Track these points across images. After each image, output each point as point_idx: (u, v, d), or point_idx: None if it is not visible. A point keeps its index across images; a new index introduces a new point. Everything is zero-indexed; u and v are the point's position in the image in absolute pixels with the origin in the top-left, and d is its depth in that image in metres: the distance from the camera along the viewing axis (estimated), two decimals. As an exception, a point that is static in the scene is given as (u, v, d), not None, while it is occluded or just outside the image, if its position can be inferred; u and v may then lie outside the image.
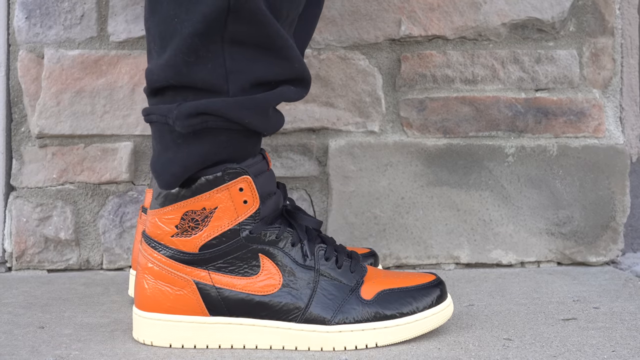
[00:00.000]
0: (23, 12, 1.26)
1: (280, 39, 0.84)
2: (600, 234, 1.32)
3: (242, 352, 0.87)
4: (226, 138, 0.85)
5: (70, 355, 0.86)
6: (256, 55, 0.84)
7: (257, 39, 0.83)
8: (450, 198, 1.30)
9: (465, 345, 0.89)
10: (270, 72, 0.85)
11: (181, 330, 0.88)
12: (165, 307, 0.88)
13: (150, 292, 0.88)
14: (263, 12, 0.82)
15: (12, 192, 1.28)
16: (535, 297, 1.11)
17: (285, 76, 0.86)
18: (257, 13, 0.82)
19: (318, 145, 1.30)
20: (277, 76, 0.86)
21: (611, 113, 1.34)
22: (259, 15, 0.82)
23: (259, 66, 0.84)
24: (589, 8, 1.33)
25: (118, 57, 1.27)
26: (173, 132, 0.85)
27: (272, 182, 0.91)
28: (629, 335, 0.92)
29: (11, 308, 1.05)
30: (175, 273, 0.88)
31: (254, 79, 0.85)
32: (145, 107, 0.88)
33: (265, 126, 0.88)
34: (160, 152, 0.87)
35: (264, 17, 0.82)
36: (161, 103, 0.85)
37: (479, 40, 1.31)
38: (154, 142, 0.88)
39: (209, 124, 0.83)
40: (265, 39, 0.84)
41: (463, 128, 1.30)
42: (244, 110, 0.84)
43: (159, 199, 0.88)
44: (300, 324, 0.87)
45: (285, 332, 0.87)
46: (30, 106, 1.27)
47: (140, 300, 0.89)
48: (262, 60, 0.84)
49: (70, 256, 1.28)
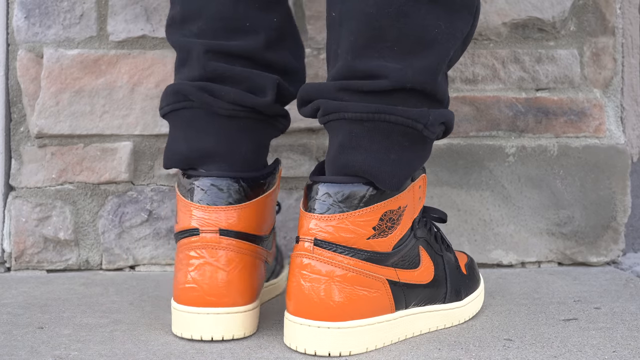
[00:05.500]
0: (22, 11, 1.26)
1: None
2: (601, 234, 1.32)
3: (242, 353, 0.87)
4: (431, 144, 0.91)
5: (69, 355, 0.86)
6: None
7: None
8: (451, 198, 1.30)
9: (466, 346, 0.89)
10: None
11: (375, 332, 0.87)
12: (362, 311, 0.86)
13: (345, 300, 0.85)
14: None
15: (11, 192, 1.27)
16: (536, 297, 1.11)
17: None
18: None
19: (318, 145, 1.29)
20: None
21: (612, 113, 1.33)
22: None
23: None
24: (589, 7, 1.33)
25: (117, 56, 1.27)
26: (408, 135, 0.86)
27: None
28: (630, 336, 0.92)
29: (10, 308, 1.05)
30: (373, 275, 0.86)
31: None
32: (376, 106, 0.85)
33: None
34: (377, 152, 0.85)
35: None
36: (387, 102, 0.85)
37: (479, 40, 1.31)
38: (367, 140, 0.85)
39: (439, 134, 0.89)
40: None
41: (463, 128, 1.30)
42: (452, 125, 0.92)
43: (348, 201, 0.85)
44: (447, 304, 0.96)
45: (441, 313, 0.96)
46: (30, 106, 1.27)
47: (327, 311, 0.85)
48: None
49: (70, 256, 1.28)
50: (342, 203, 0.85)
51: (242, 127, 0.95)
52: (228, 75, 0.94)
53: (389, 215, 0.87)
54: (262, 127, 0.97)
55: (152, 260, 1.29)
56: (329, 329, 0.84)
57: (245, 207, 0.92)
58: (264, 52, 0.96)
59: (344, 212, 0.85)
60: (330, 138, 0.89)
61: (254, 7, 0.96)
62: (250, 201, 0.93)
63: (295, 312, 0.86)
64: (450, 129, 0.91)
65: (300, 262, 0.86)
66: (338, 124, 0.86)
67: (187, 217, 0.91)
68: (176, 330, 0.92)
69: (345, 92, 0.86)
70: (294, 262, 0.87)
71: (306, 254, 0.85)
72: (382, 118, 0.84)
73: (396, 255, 0.89)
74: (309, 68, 1.28)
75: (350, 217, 0.85)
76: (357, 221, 0.85)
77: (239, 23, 0.96)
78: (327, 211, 0.85)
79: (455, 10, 0.85)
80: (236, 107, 0.94)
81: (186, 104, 0.94)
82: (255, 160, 0.96)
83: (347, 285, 0.85)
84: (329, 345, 0.85)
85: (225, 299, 0.90)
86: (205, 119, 0.94)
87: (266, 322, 0.98)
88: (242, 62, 0.95)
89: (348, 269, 0.85)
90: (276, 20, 0.98)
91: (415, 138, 0.87)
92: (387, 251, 0.87)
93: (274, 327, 0.96)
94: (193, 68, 0.95)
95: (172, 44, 0.99)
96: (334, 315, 0.85)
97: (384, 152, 0.85)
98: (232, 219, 0.91)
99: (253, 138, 0.96)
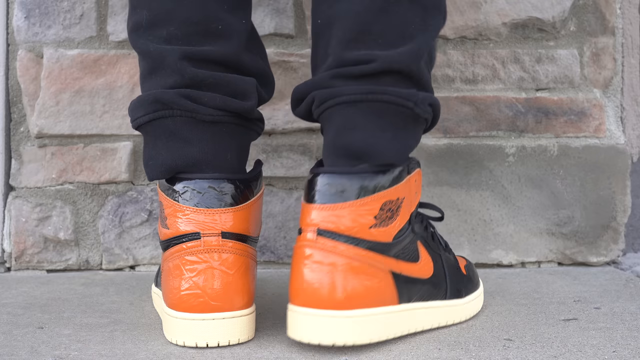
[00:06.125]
0: (22, 11, 1.26)
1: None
2: (601, 234, 1.32)
3: (242, 352, 0.87)
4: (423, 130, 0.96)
5: (69, 355, 0.86)
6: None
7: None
8: (451, 198, 1.30)
9: (466, 346, 0.89)
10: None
11: (379, 322, 0.87)
12: (366, 301, 0.86)
13: (350, 289, 0.85)
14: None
15: (12, 192, 1.28)
16: (536, 297, 1.11)
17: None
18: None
19: (318, 145, 1.29)
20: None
21: (612, 113, 1.33)
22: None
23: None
24: (589, 7, 1.33)
25: (117, 56, 1.27)
26: (401, 114, 0.90)
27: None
28: (630, 336, 0.92)
29: (10, 308, 1.05)
30: (377, 265, 0.87)
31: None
32: (369, 87, 0.89)
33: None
34: (373, 130, 0.89)
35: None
36: (378, 85, 0.89)
37: (479, 40, 1.31)
38: (362, 120, 0.89)
39: (428, 115, 0.92)
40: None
41: (463, 128, 1.30)
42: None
43: (350, 192, 0.86)
44: (448, 301, 0.97)
45: (442, 309, 0.96)
46: (30, 106, 1.27)
47: (332, 301, 0.84)
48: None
49: (70, 256, 1.28)
50: (343, 192, 0.86)
51: (225, 133, 0.94)
52: (210, 81, 0.92)
53: (388, 206, 0.88)
54: (244, 132, 0.96)
55: (152, 260, 1.29)
56: (334, 318, 0.84)
57: (242, 209, 0.91)
58: (238, 56, 0.95)
59: (346, 202, 0.86)
60: (326, 128, 0.91)
61: (223, 8, 0.94)
62: (246, 203, 0.92)
63: (299, 302, 0.85)
64: (438, 115, 0.95)
65: (303, 252, 0.85)
66: (334, 110, 0.89)
67: (183, 222, 0.89)
68: (177, 338, 0.89)
69: (337, 79, 0.89)
70: (297, 253, 0.86)
71: (309, 244, 0.85)
72: (375, 98, 0.88)
73: (397, 246, 0.90)
74: (309, 68, 1.28)
75: (352, 206, 0.85)
76: (359, 210, 0.86)
77: (211, 26, 0.94)
78: (328, 201, 0.85)
79: (431, 8, 0.92)
80: (220, 113, 0.92)
81: (166, 112, 0.92)
82: (238, 164, 0.96)
83: (351, 274, 0.85)
84: (334, 335, 0.84)
85: (232, 303, 0.89)
86: (188, 126, 0.92)
87: (266, 322, 0.98)
88: (219, 67, 0.94)
89: (352, 258, 0.85)
90: (244, 22, 0.97)
91: (408, 118, 0.90)
92: (388, 241, 0.88)
93: (274, 327, 0.96)
94: (167, 75, 0.92)
95: (139, 50, 0.95)
96: (339, 304, 0.84)
97: (379, 131, 0.89)
98: (231, 221, 0.90)
99: (236, 143, 0.95)
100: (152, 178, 0.94)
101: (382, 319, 0.87)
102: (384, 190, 0.88)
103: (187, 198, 0.90)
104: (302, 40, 1.29)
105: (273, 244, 1.30)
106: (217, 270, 0.88)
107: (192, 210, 0.89)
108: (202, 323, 0.88)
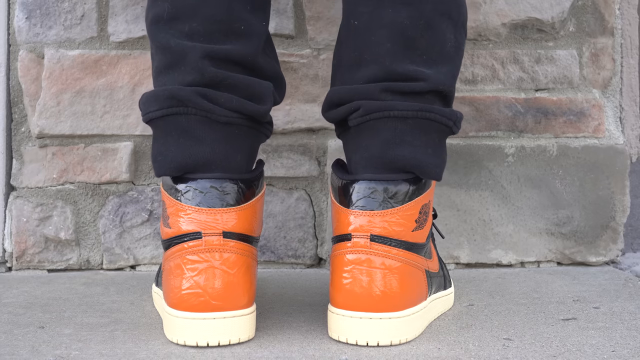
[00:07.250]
0: (23, 12, 1.26)
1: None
2: (600, 234, 1.32)
3: (242, 352, 0.87)
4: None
5: (70, 355, 0.86)
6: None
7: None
8: (450, 198, 1.30)
9: (465, 345, 0.89)
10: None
11: (419, 318, 0.93)
12: (414, 299, 0.92)
13: (402, 290, 0.90)
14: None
15: (12, 192, 1.28)
16: (535, 297, 1.11)
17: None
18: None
19: (318, 145, 1.30)
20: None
21: (611, 113, 1.34)
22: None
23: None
24: (588, 8, 1.33)
25: (118, 57, 1.27)
26: (441, 132, 0.94)
27: None
28: (629, 335, 0.92)
29: (11, 308, 1.05)
30: (418, 265, 0.93)
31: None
32: (419, 104, 0.93)
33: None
34: (419, 146, 0.93)
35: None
36: (424, 102, 0.94)
37: (478, 40, 1.31)
38: (410, 136, 0.92)
39: (457, 132, 0.98)
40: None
41: (463, 128, 1.30)
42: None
43: (397, 197, 0.91)
44: (445, 290, 1.04)
45: (443, 299, 1.03)
46: (31, 106, 1.27)
47: (389, 302, 0.89)
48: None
49: (71, 256, 1.28)
50: (391, 199, 0.91)
51: (238, 135, 0.93)
52: (228, 82, 0.92)
53: (424, 209, 0.94)
54: (255, 134, 0.96)
55: (152, 260, 1.29)
56: (390, 319, 0.89)
57: (244, 208, 0.91)
58: (256, 57, 0.95)
59: (394, 207, 0.91)
60: (367, 136, 0.93)
61: (246, 9, 0.94)
62: (248, 202, 0.92)
63: (352, 307, 0.89)
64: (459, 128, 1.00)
65: (357, 258, 0.90)
66: (382, 122, 0.92)
67: (185, 221, 0.90)
68: (177, 338, 0.89)
69: (388, 92, 0.92)
70: (344, 259, 0.90)
71: (363, 250, 0.89)
72: (424, 116, 0.92)
73: (426, 245, 0.96)
74: (309, 68, 1.29)
75: (400, 211, 0.91)
76: (405, 215, 0.91)
77: (234, 25, 0.93)
78: (379, 207, 0.90)
79: (460, 26, 0.96)
80: (235, 115, 0.92)
81: (181, 109, 0.91)
82: (247, 166, 0.96)
83: (402, 275, 0.90)
84: (391, 335, 0.89)
85: (232, 302, 0.89)
86: (201, 126, 0.91)
87: (266, 322, 0.98)
88: (237, 67, 0.93)
89: (401, 260, 0.90)
90: (264, 24, 0.97)
91: (444, 134, 0.95)
92: (422, 242, 0.94)
93: (274, 327, 0.96)
94: (186, 72, 0.91)
95: (158, 44, 0.94)
96: (395, 305, 0.89)
97: (424, 147, 0.93)
98: (233, 221, 0.90)
99: (247, 145, 0.95)
100: (160, 174, 0.93)
101: (421, 314, 0.94)
102: (421, 195, 0.93)
103: (189, 197, 0.90)
104: (302, 41, 1.29)
105: (273, 244, 1.30)
106: (218, 270, 0.88)
107: (194, 210, 0.89)
108: (203, 322, 0.88)
